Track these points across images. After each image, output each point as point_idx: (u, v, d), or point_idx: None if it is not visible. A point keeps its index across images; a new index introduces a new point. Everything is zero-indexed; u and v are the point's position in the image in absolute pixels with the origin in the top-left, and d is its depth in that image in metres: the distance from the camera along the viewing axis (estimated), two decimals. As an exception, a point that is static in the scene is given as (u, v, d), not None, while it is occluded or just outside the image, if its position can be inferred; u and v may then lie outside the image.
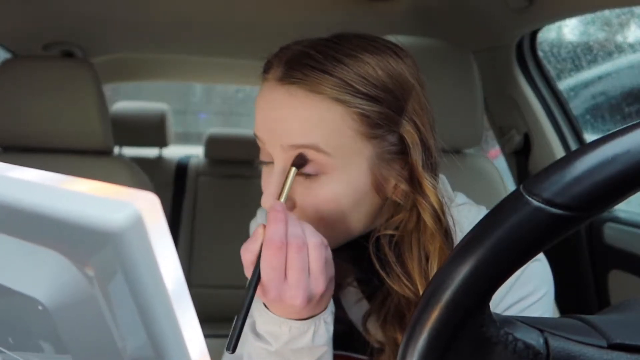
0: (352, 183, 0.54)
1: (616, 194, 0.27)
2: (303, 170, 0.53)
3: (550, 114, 1.32)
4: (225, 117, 4.23)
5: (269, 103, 0.55)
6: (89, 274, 0.21)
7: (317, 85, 0.52)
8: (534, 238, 0.28)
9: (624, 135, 0.28)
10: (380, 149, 0.54)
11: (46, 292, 0.23)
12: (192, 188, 2.18)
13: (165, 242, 0.20)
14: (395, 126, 0.54)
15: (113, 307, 0.21)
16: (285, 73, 0.53)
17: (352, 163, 0.54)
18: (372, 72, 0.53)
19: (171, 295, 0.21)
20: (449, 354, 0.30)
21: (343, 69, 0.52)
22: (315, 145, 0.52)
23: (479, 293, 0.29)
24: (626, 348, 0.30)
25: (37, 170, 0.23)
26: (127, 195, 0.20)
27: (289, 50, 0.56)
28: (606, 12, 1.38)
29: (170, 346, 0.21)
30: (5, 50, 1.51)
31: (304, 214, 0.55)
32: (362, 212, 0.57)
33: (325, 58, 0.53)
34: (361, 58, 0.53)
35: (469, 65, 1.06)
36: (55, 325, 0.23)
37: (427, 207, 0.55)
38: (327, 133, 0.52)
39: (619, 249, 1.20)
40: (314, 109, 0.52)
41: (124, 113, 2.22)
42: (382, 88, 0.53)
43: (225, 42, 1.66)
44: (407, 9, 1.28)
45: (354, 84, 0.52)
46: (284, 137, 0.53)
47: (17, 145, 1.18)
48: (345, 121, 0.52)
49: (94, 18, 1.42)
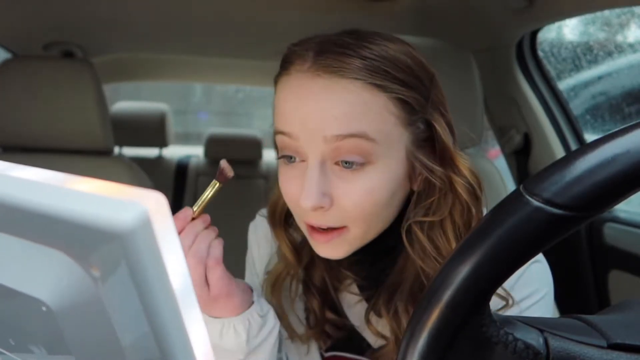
0: (392, 172, 0.53)
1: (616, 194, 0.27)
2: (347, 159, 0.51)
3: (550, 114, 1.32)
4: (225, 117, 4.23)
5: (302, 95, 0.52)
6: (95, 275, 0.21)
7: (356, 71, 0.50)
8: (534, 238, 0.28)
9: (624, 135, 0.28)
10: (414, 136, 0.54)
11: (50, 293, 0.22)
12: (192, 188, 2.18)
13: (173, 242, 0.20)
14: (425, 113, 0.54)
15: (119, 308, 0.21)
16: (318, 63, 0.51)
17: (393, 151, 0.53)
18: (401, 57, 0.52)
19: (178, 295, 0.20)
20: (449, 353, 0.30)
21: (377, 56, 0.51)
22: (364, 133, 0.50)
23: (479, 293, 0.29)
24: (626, 348, 0.30)
25: (41, 169, 0.23)
26: (134, 194, 0.20)
27: (312, 41, 0.54)
28: (606, 12, 1.38)
29: (176, 347, 0.21)
30: (5, 50, 1.51)
31: (342, 209, 0.53)
32: (394, 205, 0.56)
33: (357, 45, 0.51)
34: (386, 45, 0.52)
35: (469, 65, 1.06)
36: (59, 326, 0.23)
37: (463, 184, 0.55)
38: (372, 120, 0.50)
39: (619, 249, 1.20)
40: (357, 95, 0.50)
41: (124, 113, 2.22)
42: (411, 74, 0.53)
43: (225, 42, 1.66)
44: (407, 9, 1.28)
45: (389, 70, 0.51)
46: (326, 128, 0.50)
47: (17, 145, 1.18)
48: (388, 107, 0.51)
49: (93, 18, 1.42)
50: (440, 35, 1.16)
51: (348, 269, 0.62)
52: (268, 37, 1.52)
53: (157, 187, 1.43)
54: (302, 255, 0.64)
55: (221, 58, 1.85)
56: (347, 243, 0.55)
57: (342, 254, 0.56)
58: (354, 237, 0.55)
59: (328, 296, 0.65)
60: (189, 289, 0.21)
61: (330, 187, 0.52)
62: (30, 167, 0.23)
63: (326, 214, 0.53)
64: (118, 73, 2.03)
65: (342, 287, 0.65)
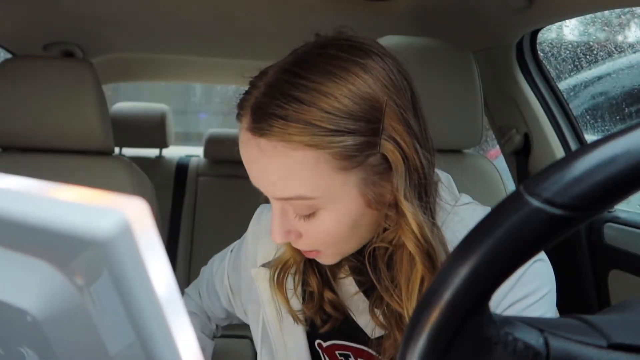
0: (347, 210, 0.55)
1: (616, 194, 0.27)
2: (298, 212, 0.55)
3: (550, 114, 1.32)
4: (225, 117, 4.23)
5: (246, 157, 0.56)
6: (79, 283, 0.21)
7: (285, 135, 0.51)
8: (534, 238, 0.28)
9: (624, 135, 0.28)
10: (364, 174, 0.54)
11: (35, 303, 0.22)
12: (192, 188, 2.18)
13: (155, 248, 0.20)
14: (374, 148, 0.53)
15: (104, 316, 0.21)
16: (253, 125, 0.53)
17: (340, 195, 0.54)
18: (338, 104, 0.51)
19: (162, 302, 0.20)
20: (449, 354, 0.30)
21: (308, 112, 0.50)
22: (299, 195, 0.53)
23: (479, 293, 0.29)
24: (626, 348, 0.30)
25: (20, 177, 0.22)
26: (114, 201, 0.20)
27: (253, 94, 0.54)
28: (606, 12, 1.38)
29: (163, 353, 0.21)
30: (5, 50, 1.51)
31: (311, 241, 0.57)
32: (364, 228, 0.58)
33: (287, 101, 0.51)
34: (324, 91, 0.51)
35: (469, 65, 1.06)
36: (45, 335, 0.23)
37: (408, 230, 0.55)
38: (306, 180, 0.52)
39: (619, 249, 1.20)
40: (287, 160, 0.52)
41: (124, 113, 2.22)
42: (351, 118, 0.51)
43: (226, 42, 1.66)
44: (407, 9, 1.28)
45: (320, 124, 0.50)
46: (269, 190, 0.55)
47: (17, 145, 1.18)
48: (320, 163, 0.52)
49: (93, 18, 1.42)
50: (440, 35, 1.16)
51: (345, 260, 0.64)
52: (268, 37, 1.53)
53: (157, 187, 1.43)
54: None
55: (221, 58, 1.85)
56: (330, 258, 0.61)
57: (330, 263, 0.62)
58: (331, 256, 0.60)
59: (328, 280, 0.67)
60: (174, 296, 0.21)
61: (294, 225, 0.57)
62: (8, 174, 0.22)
63: (297, 242, 0.58)
64: (118, 73, 2.04)
65: (340, 276, 0.66)
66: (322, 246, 0.58)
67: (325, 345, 0.67)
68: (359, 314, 0.65)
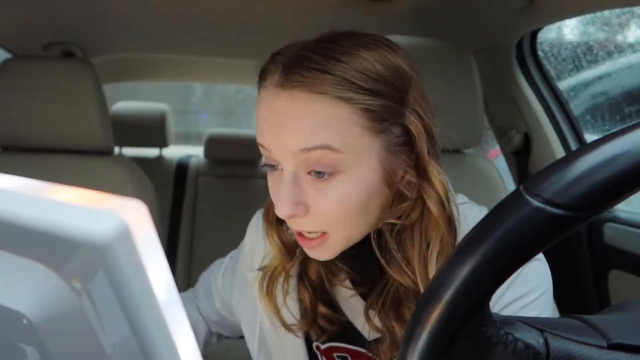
0: (364, 179, 0.54)
1: (616, 194, 0.27)
2: (316, 169, 0.53)
3: (550, 114, 1.32)
4: (225, 117, 4.24)
5: (271, 110, 0.54)
6: (76, 287, 0.20)
7: (319, 85, 0.51)
8: (534, 238, 0.28)
9: (624, 135, 0.28)
10: (387, 142, 0.54)
11: (31, 306, 0.22)
12: (192, 188, 2.18)
13: (154, 250, 0.20)
14: (400, 118, 0.54)
15: (102, 319, 0.21)
16: (285, 78, 0.53)
17: (363, 159, 0.53)
18: (371, 66, 0.53)
19: (162, 305, 0.20)
20: (449, 353, 0.30)
21: (342, 67, 0.52)
22: (327, 145, 0.52)
23: (479, 293, 0.29)
24: (626, 348, 0.30)
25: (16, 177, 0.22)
26: (112, 203, 0.19)
27: (284, 55, 0.55)
28: (606, 12, 1.38)
29: (163, 355, 0.20)
30: (5, 50, 1.51)
31: (319, 216, 0.55)
32: (374, 207, 0.56)
33: (323, 58, 0.52)
34: (358, 54, 0.53)
35: (469, 65, 1.06)
36: (41, 338, 0.23)
37: (433, 194, 0.56)
38: (336, 132, 0.52)
39: (619, 249, 1.20)
40: (320, 109, 0.52)
41: (124, 113, 2.22)
42: (382, 81, 0.53)
43: (225, 42, 1.66)
44: (407, 9, 1.28)
45: (355, 81, 0.52)
46: (292, 142, 0.52)
47: (17, 145, 1.18)
48: (352, 118, 0.52)
49: (94, 18, 1.42)
50: (441, 35, 1.16)
51: (342, 262, 0.63)
52: (268, 37, 1.52)
53: (157, 187, 1.43)
54: (296, 253, 0.65)
55: (221, 58, 1.85)
56: (331, 247, 0.58)
57: (329, 257, 0.59)
58: (336, 242, 0.57)
59: (322, 289, 0.66)
60: (174, 298, 0.20)
61: (304, 196, 0.54)
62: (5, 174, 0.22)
63: (303, 220, 0.55)
64: (118, 73, 2.04)
65: (336, 280, 0.66)
66: (330, 225, 0.55)
67: (323, 348, 0.67)
68: (356, 316, 0.65)
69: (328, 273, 0.65)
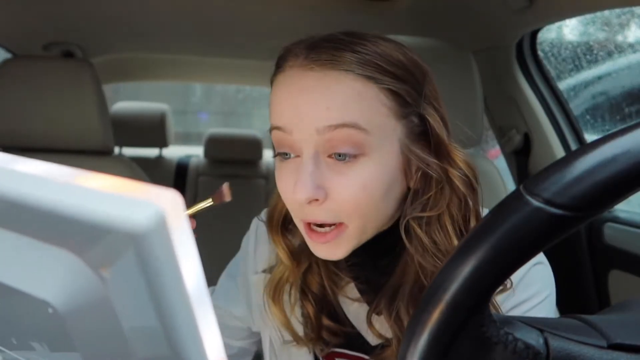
0: (386, 165, 0.53)
1: (616, 194, 0.27)
2: (340, 151, 0.51)
3: (550, 114, 1.32)
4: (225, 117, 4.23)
5: (295, 90, 0.52)
6: (104, 276, 0.20)
7: (348, 63, 0.51)
8: (534, 238, 0.28)
9: (624, 135, 0.28)
10: (408, 129, 0.54)
11: (57, 295, 0.21)
12: (192, 188, 2.18)
13: (188, 243, 0.19)
14: (419, 107, 0.55)
15: (129, 309, 0.20)
16: (311, 58, 0.52)
17: (387, 143, 0.53)
18: (393, 54, 0.53)
19: (192, 297, 0.19)
20: (450, 353, 0.30)
21: (368, 49, 0.52)
22: (355, 123, 0.50)
23: (479, 293, 0.29)
24: (626, 348, 0.30)
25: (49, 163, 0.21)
26: (149, 193, 0.19)
27: (305, 40, 0.55)
28: (606, 12, 1.38)
29: (189, 350, 0.20)
30: (5, 50, 1.51)
31: (336, 204, 0.52)
32: (390, 200, 0.55)
33: (349, 41, 0.53)
34: (380, 44, 0.53)
35: (469, 65, 1.06)
36: (65, 327, 0.22)
37: (459, 176, 0.55)
38: (364, 110, 0.51)
39: (619, 249, 1.20)
40: (349, 86, 0.51)
41: (124, 113, 2.22)
42: (404, 69, 0.54)
43: (226, 42, 1.66)
44: (407, 9, 1.28)
45: (380, 63, 0.52)
46: (319, 119, 0.50)
47: (17, 145, 1.18)
48: (380, 98, 0.52)
49: (94, 18, 1.42)
50: (440, 35, 1.16)
51: (348, 270, 0.61)
52: (268, 37, 1.52)
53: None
54: (301, 259, 0.63)
55: (221, 58, 1.85)
56: (345, 242, 0.55)
57: (341, 254, 0.56)
58: (351, 234, 0.54)
59: (326, 302, 0.64)
60: (203, 291, 0.20)
61: (325, 180, 0.52)
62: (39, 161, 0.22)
63: (321, 208, 0.53)
64: (118, 73, 2.04)
65: (341, 290, 0.64)
66: (347, 214, 0.53)
67: (325, 353, 0.67)
68: (360, 322, 0.64)
69: (332, 283, 0.64)
